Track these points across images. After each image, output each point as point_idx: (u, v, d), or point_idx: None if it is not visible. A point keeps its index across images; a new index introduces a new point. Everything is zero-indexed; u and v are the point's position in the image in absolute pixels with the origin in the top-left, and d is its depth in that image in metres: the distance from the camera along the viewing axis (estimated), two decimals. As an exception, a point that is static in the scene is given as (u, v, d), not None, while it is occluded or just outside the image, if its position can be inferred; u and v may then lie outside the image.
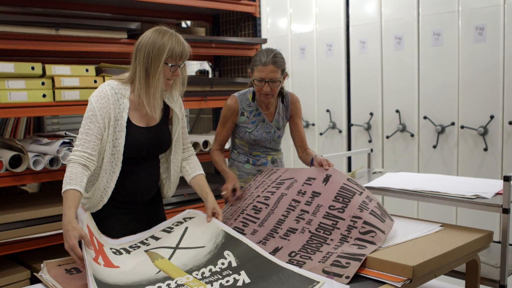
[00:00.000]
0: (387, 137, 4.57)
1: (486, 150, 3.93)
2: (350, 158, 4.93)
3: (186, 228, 2.07)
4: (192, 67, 4.98)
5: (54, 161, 2.55)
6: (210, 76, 4.17)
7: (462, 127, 4.04)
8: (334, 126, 4.97)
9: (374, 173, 3.05)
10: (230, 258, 1.84)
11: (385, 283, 1.69)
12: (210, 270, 1.79)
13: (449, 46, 4.09)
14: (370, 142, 4.69)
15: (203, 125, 4.36)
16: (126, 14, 3.41)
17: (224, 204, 2.46)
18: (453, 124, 4.12)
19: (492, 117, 3.87)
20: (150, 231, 2.07)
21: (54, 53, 3.09)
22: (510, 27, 3.75)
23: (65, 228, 1.73)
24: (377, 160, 4.67)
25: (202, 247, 1.94)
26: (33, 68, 2.54)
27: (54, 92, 2.61)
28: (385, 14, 4.51)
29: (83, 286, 1.68)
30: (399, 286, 1.66)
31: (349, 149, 4.93)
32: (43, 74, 2.59)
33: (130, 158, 2.03)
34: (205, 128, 4.32)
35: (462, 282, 2.18)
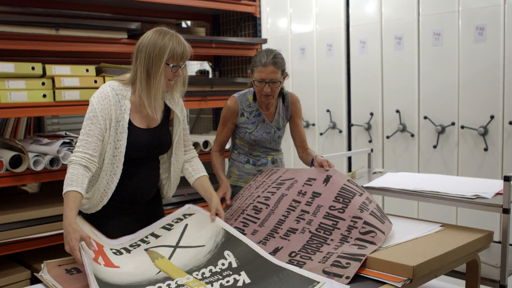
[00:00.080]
0: (387, 137, 4.57)
1: (486, 150, 3.93)
2: (350, 158, 4.93)
3: (186, 225, 2.06)
4: (192, 67, 4.98)
5: (54, 161, 2.55)
6: (210, 76, 4.17)
7: (462, 127, 4.03)
8: (334, 126, 4.97)
9: (374, 173, 3.05)
10: (230, 259, 1.84)
11: (385, 283, 1.69)
12: (210, 270, 1.79)
13: (449, 46, 4.09)
14: (370, 142, 4.69)
15: (203, 125, 4.36)
16: (126, 14, 3.41)
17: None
18: (453, 124, 4.12)
19: (492, 117, 3.87)
20: (150, 228, 2.07)
21: (54, 53, 3.09)
22: (510, 27, 3.75)
23: (66, 230, 1.72)
24: (377, 160, 4.66)
25: (202, 246, 1.94)
26: (33, 68, 2.53)
27: (54, 92, 2.61)
28: (385, 14, 4.51)
29: (83, 286, 1.68)
30: (399, 286, 1.66)
31: (349, 149, 4.93)
32: (43, 74, 2.59)
33: (130, 159, 2.03)
34: (205, 128, 4.32)
35: (462, 282, 2.18)
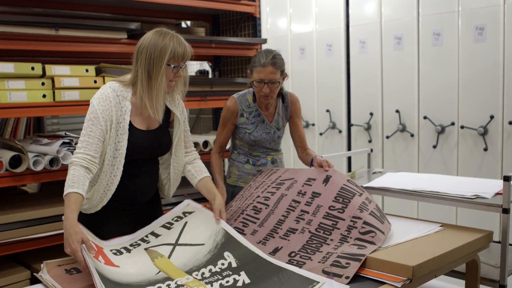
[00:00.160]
0: (387, 137, 4.57)
1: (486, 150, 3.93)
2: (350, 158, 4.93)
3: (186, 223, 2.07)
4: (192, 67, 4.98)
5: (54, 161, 2.55)
6: (210, 76, 4.17)
7: (462, 127, 4.03)
8: (334, 126, 4.97)
9: (374, 173, 3.05)
10: (230, 259, 1.84)
11: (385, 283, 1.69)
12: (210, 270, 1.79)
13: (449, 46, 4.09)
14: (370, 142, 4.69)
15: (203, 125, 4.36)
16: (126, 14, 3.41)
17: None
18: (453, 124, 4.12)
19: (492, 117, 3.87)
20: (150, 227, 2.07)
21: (54, 53, 3.08)
22: (510, 27, 3.75)
23: (67, 232, 1.72)
24: (377, 160, 4.66)
25: (202, 245, 1.94)
26: (33, 68, 2.53)
27: (54, 92, 2.61)
28: (385, 14, 4.51)
29: (83, 286, 1.68)
30: (399, 286, 1.66)
31: (349, 149, 4.93)
32: (43, 74, 2.59)
33: (130, 160, 2.02)
34: (205, 128, 4.32)
35: (462, 282, 2.18)
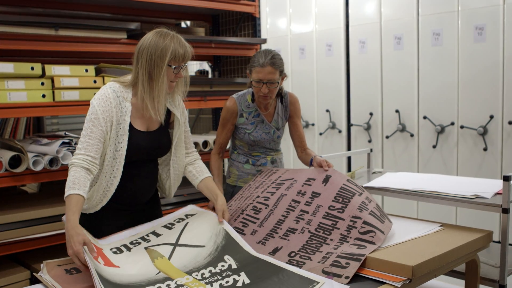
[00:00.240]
0: (387, 137, 4.57)
1: (485, 150, 3.94)
2: (349, 158, 4.93)
3: (187, 223, 2.07)
4: (191, 67, 4.98)
5: (53, 161, 2.55)
6: (210, 76, 4.17)
7: (462, 127, 4.04)
8: (333, 126, 4.97)
9: (374, 173, 3.05)
10: (230, 262, 1.84)
11: (384, 283, 1.69)
12: (210, 271, 1.79)
13: (448, 46, 4.09)
14: (369, 142, 4.69)
15: (203, 125, 4.36)
16: (126, 14, 3.41)
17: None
18: (452, 124, 4.12)
19: (491, 117, 3.88)
20: (152, 227, 2.06)
21: (53, 53, 3.08)
22: (510, 27, 3.75)
23: (68, 233, 1.71)
24: (376, 160, 4.67)
25: (202, 247, 1.94)
26: (32, 68, 2.53)
27: (53, 92, 2.61)
28: (384, 14, 4.51)
29: (83, 286, 1.68)
30: (399, 286, 1.66)
31: (348, 149, 4.93)
32: (43, 75, 2.58)
33: (129, 161, 2.02)
34: (204, 128, 4.32)
35: (462, 282, 2.18)
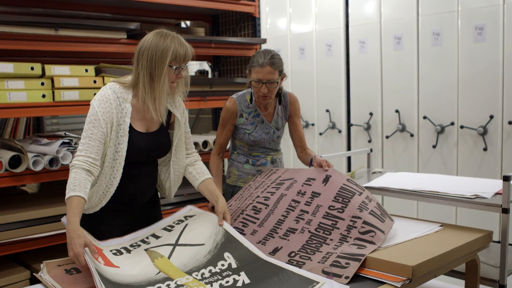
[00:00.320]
0: (387, 137, 4.57)
1: (485, 150, 3.94)
2: (349, 158, 4.93)
3: (186, 225, 2.07)
4: (191, 67, 4.98)
5: (53, 161, 2.55)
6: (210, 76, 4.17)
7: (462, 127, 4.04)
8: (333, 126, 4.97)
9: (374, 173, 3.05)
10: (230, 260, 1.84)
11: (384, 283, 1.69)
12: (210, 271, 1.79)
13: (448, 46, 4.09)
14: (369, 142, 4.69)
15: (203, 125, 4.36)
16: (125, 14, 3.41)
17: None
18: (452, 124, 4.12)
19: (491, 117, 3.88)
20: (151, 229, 2.07)
21: (53, 53, 3.08)
22: (510, 27, 3.75)
23: (69, 235, 1.71)
24: (376, 160, 4.67)
25: (202, 245, 1.93)
26: (32, 68, 2.53)
27: (53, 92, 2.60)
28: (384, 14, 4.51)
29: (83, 286, 1.68)
30: (399, 286, 1.66)
31: (348, 149, 4.93)
32: (43, 75, 2.58)
33: (129, 162, 2.01)
34: (204, 128, 4.32)
35: (462, 282, 2.18)
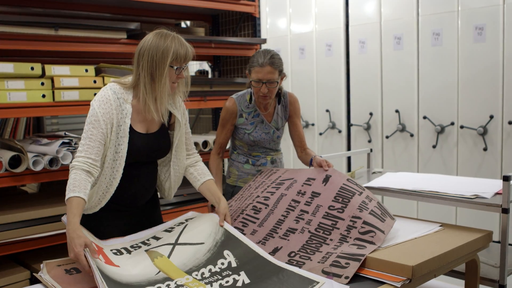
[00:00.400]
0: (387, 137, 4.57)
1: (485, 150, 3.94)
2: (349, 158, 4.93)
3: (186, 225, 2.07)
4: (191, 67, 4.98)
5: (53, 161, 2.55)
6: (210, 76, 4.17)
7: (462, 127, 4.04)
8: (333, 126, 4.97)
9: (374, 173, 3.05)
10: (230, 258, 1.84)
11: (384, 283, 1.69)
12: (209, 270, 1.79)
13: (448, 46, 4.09)
14: (369, 142, 4.69)
15: (203, 125, 4.36)
16: (125, 14, 3.41)
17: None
18: (452, 124, 4.12)
19: (491, 117, 3.88)
20: (152, 232, 2.07)
21: (53, 53, 3.08)
22: (510, 27, 3.75)
23: (69, 236, 1.71)
24: (376, 160, 4.67)
25: (202, 244, 1.93)
26: (32, 68, 2.53)
27: (53, 92, 2.60)
28: (384, 14, 4.51)
29: (83, 286, 1.68)
30: (399, 286, 1.66)
31: (348, 149, 4.93)
32: (43, 75, 2.58)
33: (129, 163, 2.01)
34: (204, 128, 4.32)
35: (462, 282, 2.18)
